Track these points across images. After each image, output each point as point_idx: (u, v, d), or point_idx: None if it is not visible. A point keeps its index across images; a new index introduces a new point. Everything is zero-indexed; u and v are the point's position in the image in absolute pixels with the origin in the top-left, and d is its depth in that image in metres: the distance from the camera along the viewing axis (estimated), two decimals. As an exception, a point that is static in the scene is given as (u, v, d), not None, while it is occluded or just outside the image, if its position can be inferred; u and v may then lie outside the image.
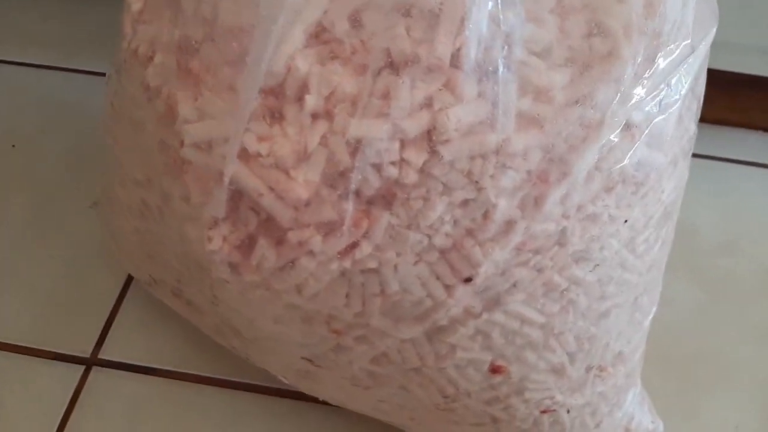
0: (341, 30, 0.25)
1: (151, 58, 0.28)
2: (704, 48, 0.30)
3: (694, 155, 0.70)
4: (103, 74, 0.76)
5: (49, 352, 0.52)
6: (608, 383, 0.40)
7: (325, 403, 0.45)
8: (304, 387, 0.41)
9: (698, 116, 0.34)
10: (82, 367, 0.51)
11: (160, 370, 0.51)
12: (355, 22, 0.25)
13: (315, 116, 0.25)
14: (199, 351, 0.52)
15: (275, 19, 0.24)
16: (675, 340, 0.54)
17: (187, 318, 0.46)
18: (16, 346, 0.52)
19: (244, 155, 0.25)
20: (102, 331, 0.54)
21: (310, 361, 0.34)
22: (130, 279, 0.56)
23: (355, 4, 0.25)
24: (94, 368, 0.52)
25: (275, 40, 0.24)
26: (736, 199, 0.65)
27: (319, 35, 0.25)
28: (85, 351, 0.52)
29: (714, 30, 0.31)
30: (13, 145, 0.66)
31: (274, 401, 0.49)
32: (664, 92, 0.28)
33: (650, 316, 0.41)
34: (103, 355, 0.52)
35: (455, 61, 0.25)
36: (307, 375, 0.37)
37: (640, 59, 0.27)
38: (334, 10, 0.25)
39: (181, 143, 0.27)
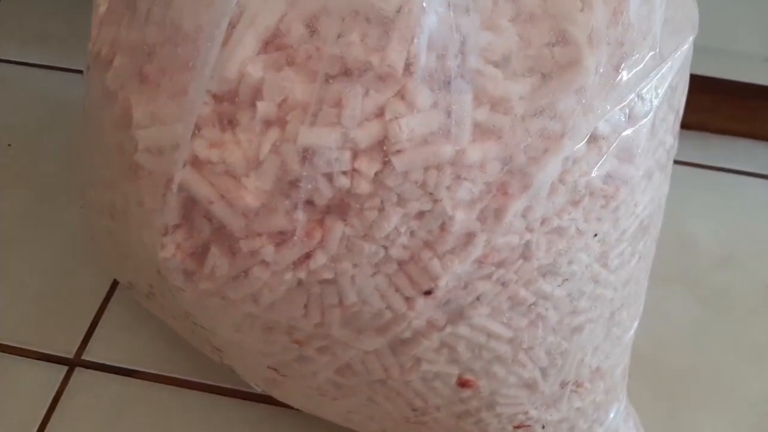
0: (297, 36, 0.25)
1: (111, 61, 0.28)
2: (680, 57, 0.29)
3: (697, 165, 0.69)
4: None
5: (34, 351, 0.52)
6: (586, 399, 0.39)
7: (299, 409, 0.44)
8: (276, 394, 0.41)
9: (677, 128, 0.33)
10: (65, 368, 0.52)
11: (142, 372, 0.51)
12: (311, 27, 0.25)
13: (267, 123, 0.25)
14: (180, 354, 0.52)
15: (218, 24, 0.23)
16: (668, 355, 0.54)
17: (165, 321, 0.46)
18: (1, 344, 0.52)
19: (196, 162, 0.25)
20: (87, 332, 0.54)
21: (275, 370, 0.34)
22: (116, 281, 0.57)
23: (312, 10, 0.25)
24: (77, 369, 0.52)
25: (220, 45, 0.23)
26: (738, 211, 0.64)
27: (273, 41, 0.25)
28: (69, 351, 0.52)
29: (691, 39, 0.30)
30: (9, 144, 0.67)
31: (253, 406, 0.49)
32: (634, 103, 0.27)
33: (631, 331, 0.40)
34: (86, 356, 0.52)
35: (408, 70, 0.24)
36: (275, 383, 0.37)
37: (602, 69, 0.26)
38: (291, 15, 0.25)
39: (135, 148, 0.26)
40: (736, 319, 0.56)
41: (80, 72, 0.74)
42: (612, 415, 0.43)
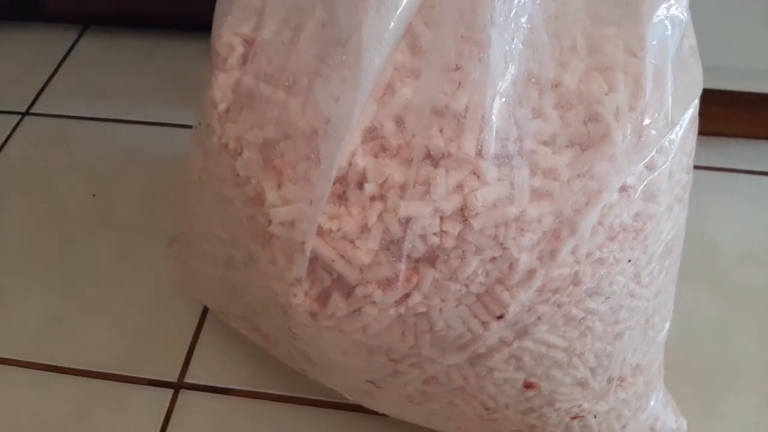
0: (389, 130, 0.32)
1: (239, 153, 0.35)
2: (688, 117, 0.36)
3: (717, 168, 0.73)
4: (166, 124, 0.84)
5: (143, 378, 0.58)
6: (630, 391, 0.45)
7: (382, 414, 0.50)
8: (367, 403, 0.48)
9: (690, 164, 0.40)
10: (171, 391, 0.57)
11: (236, 390, 0.57)
12: (399, 123, 0.32)
13: (372, 199, 0.32)
14: (268, 371, 0.57)
15: (342, 138, 0.31)
16: (696, 348, 0.57)
17: (260, 345, 0.53)
18: (111, 374, 0.58)
19: (319, 231, 0.33)
20: (186, 357, 0.59)
21: (372, 383, 0.41)
22: (206, 309, 0.62)
23: (397, 110, 0.32)
24: (182, 391, 0.57)
25: (344, 151, 0.31)
26: (757, 210, 0.67)
27: (371, 134, 0.32)
28: (173, 376, 0.58)
29: (697, 100, 0.36)
30: (94, 195, 0.74)
31: (337, 413, 0.54)
32: (653, 158, 0.34)
33: (664, 332, 0.46)
34: (188, 378, 0.58)
35: (479, 154, 0.31)
36: (369, 394, 0.44)
37: (628, 138, 0.33)
38: (382, 113, 0.32)
39: (269, 222, 0.34)
40: (758, 311, 0.59)
41: (143, 123, 0.82)
42: (652, 403, 0.48)
